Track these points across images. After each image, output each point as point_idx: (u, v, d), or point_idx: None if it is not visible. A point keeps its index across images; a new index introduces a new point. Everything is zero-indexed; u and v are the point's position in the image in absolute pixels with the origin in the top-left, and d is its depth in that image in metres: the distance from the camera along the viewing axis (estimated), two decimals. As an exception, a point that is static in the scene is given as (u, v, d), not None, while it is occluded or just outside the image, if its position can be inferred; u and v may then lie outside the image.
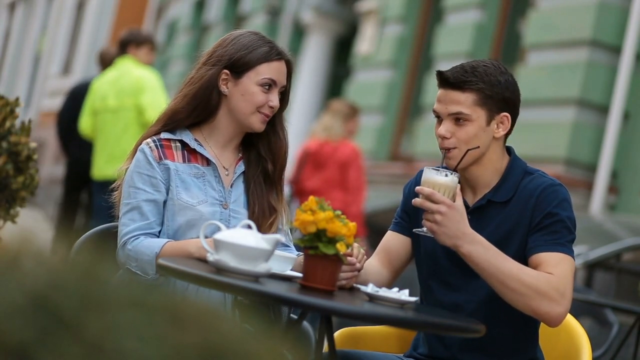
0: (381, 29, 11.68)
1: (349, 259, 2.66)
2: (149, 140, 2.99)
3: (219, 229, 2.66)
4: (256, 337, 0.94)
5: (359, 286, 2.73)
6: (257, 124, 2.98)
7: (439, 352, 2.92)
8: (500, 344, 2.86)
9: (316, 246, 2.55)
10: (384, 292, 2.65)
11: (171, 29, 19.64)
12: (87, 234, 3.09)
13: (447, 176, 2.69)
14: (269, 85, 2.97)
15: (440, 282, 2.89)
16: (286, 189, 3.39)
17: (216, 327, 0.92)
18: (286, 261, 2.79)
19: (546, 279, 2.68)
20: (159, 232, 2.93)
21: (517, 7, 9.91)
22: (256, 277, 2.54)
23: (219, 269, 2.55)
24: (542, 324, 2.87)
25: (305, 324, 3.03)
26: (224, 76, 2.98)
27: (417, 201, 2.71)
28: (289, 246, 3.04)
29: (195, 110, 2.99)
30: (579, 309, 5.43)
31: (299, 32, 14.50)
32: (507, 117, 2.84)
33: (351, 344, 3.08)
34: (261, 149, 3.06)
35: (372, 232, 8.00)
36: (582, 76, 8.00)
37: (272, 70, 2.98)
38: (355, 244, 2.70)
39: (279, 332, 2.89)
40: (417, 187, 2.72)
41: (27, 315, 0.85)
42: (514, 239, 2.80)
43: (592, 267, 6.58)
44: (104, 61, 8.33)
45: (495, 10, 9.93)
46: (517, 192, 2.83)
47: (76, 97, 8.35)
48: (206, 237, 2.72)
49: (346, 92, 11.93)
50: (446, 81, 2.82)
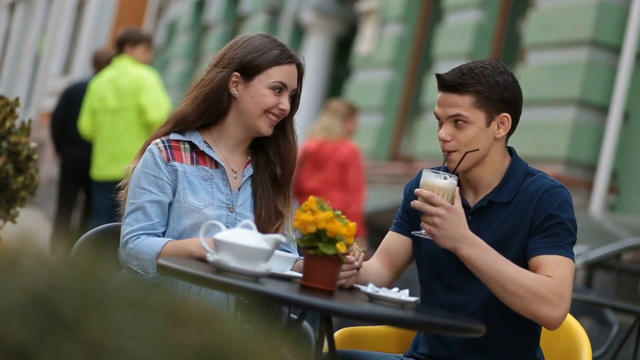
0: (381, 29, 11.68)
1: (347, 257, 2.66)
2: (157, 140, 2.97)
3: (219, 229, 2.66)
4: (256, 337, 0.94)
5: (359, 286, 2.73)
6: (264, 127, 2.96)
7: (439, 353, 2.91)
8: (500, 345, 2.86)
9: (316, 246, 2.55)
10: (384, 292, 2.65)
11: (171, 29, 19.64)
12: (87, 234, 3.09)
13: (445, 179, 2.69)
14: (280, 88, 2.96)
15: (440, 283, 2.89)
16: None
17: (216, 327, 0.92)
18: (286, 261, 2.79)
19: (545, 282, 2.68)
20: (163, 233, 2.92)
21: (517, 7, 9.90)
22: (256, 277, 2.54)
23: (219, 269, 2.55)
24: (542, 324, 2.87)
25: (305, 324, 3.03)
26: (234, 79, 2.97)
27: (416, 204, 2.71)
28: (292, 252, 3.01)
29: (205, 112, 2.98)
30: (579, 309, 5.42)
31: (299, 32, 14.49)
32: (507, 117, 2.84)
33: (351, 344, 3.08)
34: (270, 153, 3.04)
35: (372, 232, 8.00)
36: (582, 76, 8.00)
37: (282, 73, 2.96)
38: (354, 244, 2.70)
39: (279, 332, 2.89)
40: (416, 190, 2.72)
41: (27, 315, 0.85)
42: (515, 241, 2.80)
43: (592, 267, 6.58)
44: (99, 62, 8.34)
45: (495, 10, 9.93)
46: (518, 193, 2.83)
47: (70, 98, 8.35)
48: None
49: (346, 92, 11.93)
50: (444, 84, 2.82)
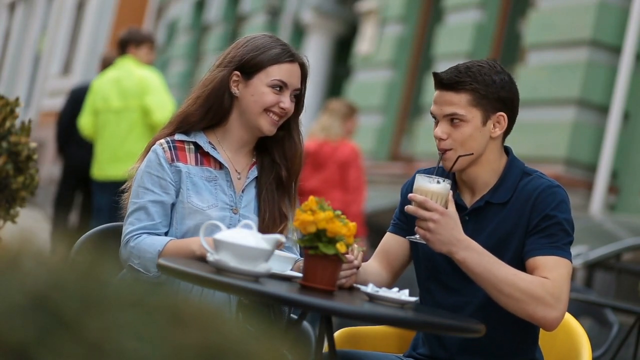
0: (381, 29, 11.68)
1: (346, 256, 2.66)
2: (162, 141, 2.96)
3: (219, 229, 2.65)
4: (256, 337, 0.94)
5: (359, 286, 2.73)
6: (266, 125, 2.95)
7: (438, 354, 2.91)
8: (499, 346, 2.86)
9: (316, 246, 2.55)
10: (384, 292, 2.65)
11: (171, 29, 19.63)
12: (87, 234, 3.09)
13: (439, 183, 2.68)
14: (280, 87, 2.94)
15: (439, 284, 2.89)
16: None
17: (216, 327, 0.92)
18: (286, 261, 2.79)
19: (541, 284, 2.67)
20: (165, 234, 2.91)
21: (517, 7, 9.90)
22: (256, 277, 2.54)
23: (219, 269, 2.55)
24: (542, 324, 2.87)
25: (305, 324, 3.03)
26: (234, 77, 2.96)
27: (410, 208, 2.70)
28: (295, 254, 2.99)
29: (208, 112, 2.97)
30: (579, 309, 5.42)
31: (299, 32, 14.49)
32: (503, 116, 2.83)
33: (351, 344, 3.08)
34: (275, 155, 3.02)
35: (372, 232, 8.00)
36: (582, 76, 8.00)
37: (282, 71, 2.95)
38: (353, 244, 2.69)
39: (279, 332, 2.89)
40: (410, 195, 2.71)
41: (27, 315, 0.85)
42: (512, 241, 2.79)
43: (592, 267, 6.58)
44: (107, 66, 8.36)
45: (495, 10, 9.92)
46: (515, 193, 2.82)
47: (78, 100, 8.39)
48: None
49: (346, 92, 11.93)
50: (441, 82, 2.81)
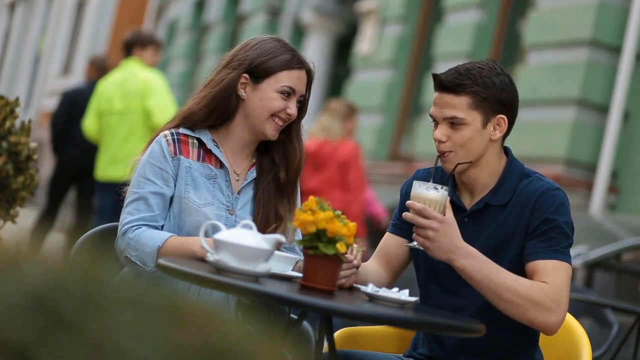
0: (381, 29, 11.68)
1: (346, 256, 2.65)
2: (166, 132, 2.96)
3: (219, 229, 2.65)
4: (256, 337, 0.94)
5: (359, 286, 2.72)
6: (270, 131, 2.95)
7: (438, 355, 2.91)
8: (498, 347, 2.85)
9: (316, 246, 2.55)
10: (384, 292, 2.65)
11: (171, 29, 19.64)
12: (87, 234, 3.08)
13: (437, 191, 2.66)
14: (288, 93, 2.95)
15: (438, 286, 2.88)
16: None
17: (216, 327, 0.92)
18: (286, 261, 2.79)
19: (540, 289, 2.67)
20: (162, 227, 2.91)
21: (517, 7, 9.90)
22: (256, 277, 2.54)
23: (219, 269, 2.55)
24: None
25: (305, 324, 3.03)
26: (243, 80, 2.96)
27: (408, 216, 2.68)
28: (297, 255, 2.97)
29: (213, 113, 2.97)
30: (579, 309, 5.42)
31: (299, 32, 14.49)
32: (503, 119, 2.81)
33: (351, 344, 3.08)
34: (275, 157, 3.03)
35: (372, 232, 8.00)
36: (582, 76, 8.00)
37: (292, 78, 2.95)
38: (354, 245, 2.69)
39: (279, 332, 2.88)
40: (408, 202, 2.69)
41: (27, 315, 0.85)
42: (511, 243, 2.79)
43: (592, 267, 6.57)
44: (97, 68, 8.58)
45: (495, 10, 9.92)
46: (514, 195, 2.81)
47: (73, 101, 8.52)
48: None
49: (346, 92, 11.93)
50: (441, 84, 2.79)
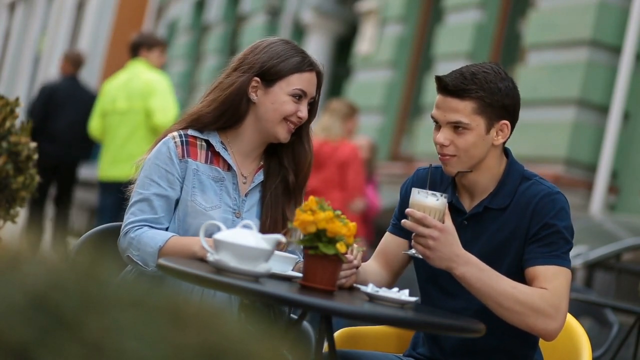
0: (381, 29, 11.68)
1: (346, 256, 2.65)
2: (175, 134, 2.94)
3: (219, 229, 2.65)
4: (256, 337, 0.94)
5: (359, 286, 2.72)
6: (282, 133, 2.95)
7: (437, 356, 2.91)
8: (498, 350, 2.85)
9: (316, 246, 2.55)
10: (384, 292, 2.65)
11: (171, 29, 19.64)
12: (87, 233, 3.08)
13: (437, 199, 2.65)
14: (300, 96, 2.94)
15: (438, 287, 2.87)
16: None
17: (216, 327, 0.91)
18: (287, 261, 2.78)
19: (540, 295, 2.66)
20: (166, 229, 2.90)
21: (517, 7, 9.90)
22: (256, 277, 2.54)
23: (219, 269, 2.55)
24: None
25: (305, 324, 3.03)
26: (254, 84, 2.95)
27: (407, 224, 2.66)
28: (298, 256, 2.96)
29: (222, 116, 2.96)
30: (579, 309, 5.42)
31: (299, 32, 14.49)
32: (506, 124, 2.79)
33: (351, 344, 3.08)
34: (284, 159, 3.02)
35: (378, 234, 8.01)
36: (582, 76, 8.00)
37: (303, 81, 2.95)
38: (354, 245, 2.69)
39: (279, 332, 2.88)
40: (407, 210, 2.67)
41: (27, 315, 0.85)
42: (510, 246, 2.78)
43: (592, 267, 6.57)
44: (72, 63, 8.73)
45: (495, 10, 9.92)
46: (514, 199, 2.79)
47: (50, 96, 8.73)
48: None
49: (346, 92, 11.93)
50: (445, 88, 2.75)
